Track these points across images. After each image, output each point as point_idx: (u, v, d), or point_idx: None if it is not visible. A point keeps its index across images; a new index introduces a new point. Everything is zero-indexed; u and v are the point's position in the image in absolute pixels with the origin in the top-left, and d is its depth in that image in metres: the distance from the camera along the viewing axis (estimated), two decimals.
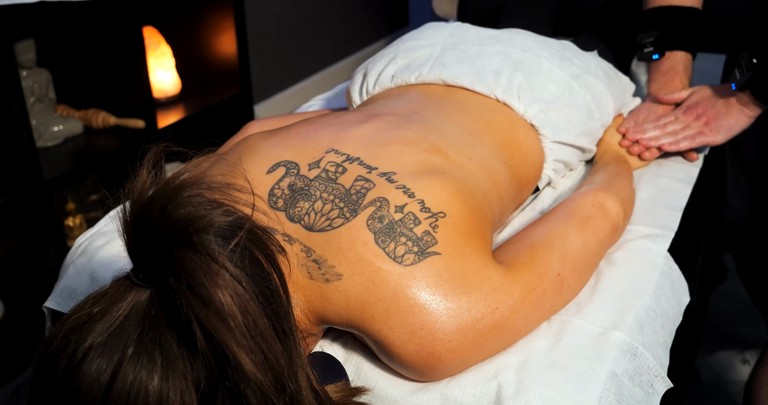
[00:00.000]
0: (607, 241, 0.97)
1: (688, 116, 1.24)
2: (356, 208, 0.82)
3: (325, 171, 0.85)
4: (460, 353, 0.78)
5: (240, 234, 0.60)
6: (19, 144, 1.58)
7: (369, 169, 0.86)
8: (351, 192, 0.83)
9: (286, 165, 0.86)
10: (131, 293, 0.61)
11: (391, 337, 0.77)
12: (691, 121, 1.23)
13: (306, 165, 0.86)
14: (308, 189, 0.84)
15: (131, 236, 0.61)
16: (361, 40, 3.23)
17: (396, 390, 0.81)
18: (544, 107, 1.09)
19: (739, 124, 1.20)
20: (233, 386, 0.58)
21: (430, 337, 0.76)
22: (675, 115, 1.25)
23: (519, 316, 0.81)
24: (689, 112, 1.24)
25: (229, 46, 2.09)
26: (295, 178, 0.85)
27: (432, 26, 1.26)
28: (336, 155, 0.87)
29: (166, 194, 0.60)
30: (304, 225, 0.82)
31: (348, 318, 0.79)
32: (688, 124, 1.23)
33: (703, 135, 1.22)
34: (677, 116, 1.25)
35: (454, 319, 0.77)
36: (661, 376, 0.86)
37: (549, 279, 0.85)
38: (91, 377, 0.58)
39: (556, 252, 0.88)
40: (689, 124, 1.23)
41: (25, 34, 1.71)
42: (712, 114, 1.21)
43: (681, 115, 1.24)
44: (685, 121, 1.24)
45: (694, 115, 1.23)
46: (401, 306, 0.77)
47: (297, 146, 0.89)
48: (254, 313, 0.59)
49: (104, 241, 1.04)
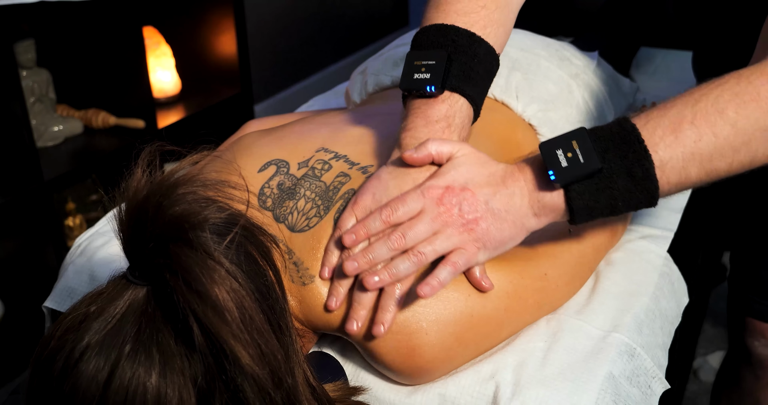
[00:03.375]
0: (605, 247, 0.96)
1: (444, 208, 0.75)
2: (329, 205, 0.81)
3: (312, 169, 0.85)
4: (441, 346, 0.77)
5: (235, 230, 0.60)
6: (19, 144, 1.58)
7: (351, 165, 0.85)
8: (330, 188, 0.82)
9: (277, 163, 0.86)
10: (128, 291, 0.61)
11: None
12: (448, 223, 0.74)
13: (296, 164, 0.86)
14: (295, 188, 0.83)
15: (127, 234, 0.61)
16: (361, 40, 3.23)
17: (393, 393, 0.81)
18: (543, 107, 1.09)
19: (514, 240, 0.77)
20: (230, 380, 0.59)
21: (406, 332, 0.75)
22: (424, 200, 0.75)
23: (495, 305, 0.79)
24: (448, 201, 0.75)
25: (229, 46, 2.09)
26: (285, 177, 0.85)
27: None
28: (325, 153, 0.86)
29: (161, 192, 0.60)
30: (288, 225, 0.81)
31: (328, 321, 0.78)
32: (441, 229, 0.75)
33: (463, 253, 0.74)
34: (426, 206, 0.75)
35: (427, 309, 0.76)
36: (659, 377, 0.86)
37: (533, 277, 0.83)
38: (89, 376, 0.58)
39: (546, 254, 0.86)
40: (443, 227, 0.74)
41: (25, 34, 1.71)
42: (486, 217, 0.75)
43: (434, 204, 0.75)
44: (436, 220, 0.74)
45: (455, 210, 0.74)
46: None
47: (290, 145, 0.88)
48: (250, 309, 0.59)
49: (104, 240, 1.04)
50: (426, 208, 0.75)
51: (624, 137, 0.72)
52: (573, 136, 0.73)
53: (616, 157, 0.72)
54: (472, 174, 0.76)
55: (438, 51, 0.82)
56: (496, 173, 0.76)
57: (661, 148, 0.72)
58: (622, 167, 0.72)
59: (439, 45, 0.83)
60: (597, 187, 0.72)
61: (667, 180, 0.72)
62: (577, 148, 0.72)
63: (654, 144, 0.72)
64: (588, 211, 0.74)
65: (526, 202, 0.75)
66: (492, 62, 0.85)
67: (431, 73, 0.81)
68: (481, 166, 0.77)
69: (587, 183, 0.72)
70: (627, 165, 0.71)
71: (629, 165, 0.71)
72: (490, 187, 0.75)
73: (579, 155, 0.72)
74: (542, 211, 0.75)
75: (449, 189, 0.75)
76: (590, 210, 0.73)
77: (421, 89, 0.81)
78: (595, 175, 0.72)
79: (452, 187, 0.75)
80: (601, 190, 0.72)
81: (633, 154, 0.72)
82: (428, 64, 0.81)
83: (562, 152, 0.72)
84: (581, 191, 0.72)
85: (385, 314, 0.75)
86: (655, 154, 0.72)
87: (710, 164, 0.73)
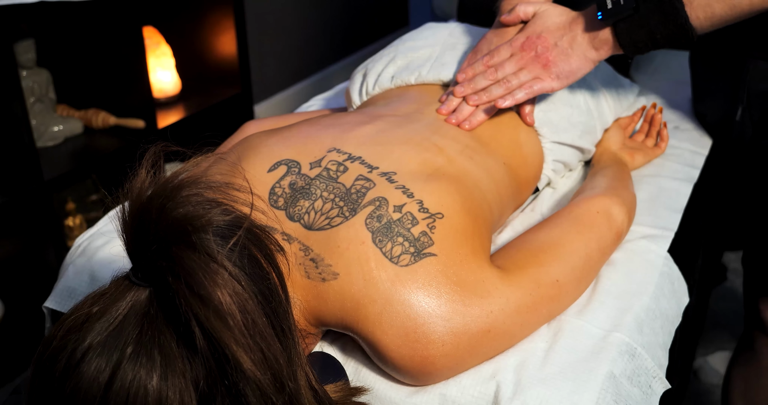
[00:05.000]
0: (610, 249, 0.96)
1: (525, 52, 1.01)
2: (356, 208, 0.82)
3: (327, 170, 0.85)
4: (454, 357, 0.78)
5: (238, 233, 0.60)
6: (19, 144, 1.58)
7: (370, 169, 0.86)
8: (351, 191, 0.83)
9: (287, 163, 0.86)
10: (130, 293, 0.61)
11: (385, 340, 0.77)
12: (528, 61, 1.01)
13: (307, 164, 0.86)
14: (309, 188, 0.84)
15: (130, 236, 0.61)
16: (361, 40, 3.23)
17: (394, 392, 0.81)
18: (544, 107, 1.09)
19: (582, 69, 1.00)
20: (232, 385, 0.58)
21: (423, 341, 0.76)
22: (511, 48, 1.02)
23: (514, 320, 0.81)
24: (528, 46, 1.01)
25: (229, 46, 2.09)
26: (296, 176, 0.85)
27: (431, 27, 1.26)
28: (338, 154, 0.87)
29: (164, 193, 0.60)
30: (304, 224, 0.82)
31: (342, 318, 0.79)
32: (524, 66, 1.01)
33: (540, 81, 1.01)
34: (513, 52, 1.02)
35: (448, 323, 0.76)
36: (659, 376, 0.86)
37: (547, 285, 0.84)
38: (90, 377, 0.58)
39: (556, 258, 0.87)
40: (525, 64, 1.01)
41: (25, 34, 1.71)
42: (555, 54, 1.00)
43: (518, 50, 1.02)
44: (520, 61, 1.01)
45: (533, 53, 1.00)
46: (395, 308, 0.76)
47: (299, 145, 0.89)
48: (253, 312, 0.59)
49: (104, 241, 1.04)
50: (514, 53, 1.02)
51: None
52: None
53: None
54: (547, 24, 1.01)
55: None
56: (566, 20, 1.00)
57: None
58: (656, 6, 0.91)
59: None
60: (637, 24, 0.93)
61: (696, 15, 0.90)
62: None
63: None
64: (633, 44, 0.94)
65: (586, 39, 0.98)
66: None
67: None
68: (556, 17, 1.01)
69: (629, 21, 0.93)
70: (659, 4, 0.91)
71: (661, 4, 0.91)
72: (560, 31, 0.99)
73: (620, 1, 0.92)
74: (599, 44, 0.97)
75: (529, 38, 1.01)
76: (634, 42, 0.94)
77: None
78: (635, 15, 0.92)
79: (531, 36, 1.01)
80: (640, 26, 0.93)
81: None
82: None
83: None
84: (624, 28, 0.93)
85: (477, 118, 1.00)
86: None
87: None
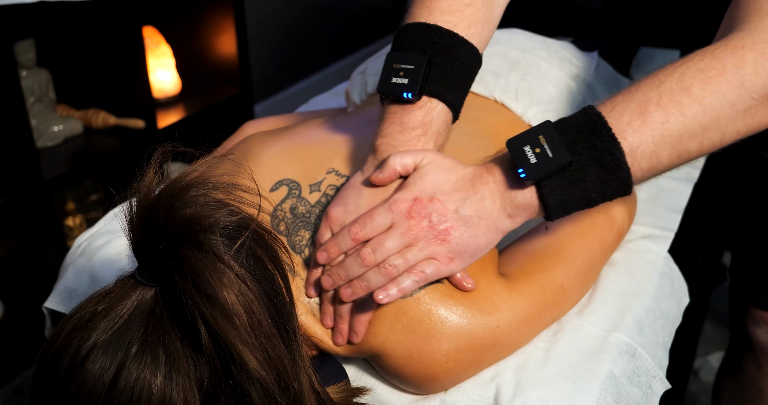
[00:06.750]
0: (611, 249, 0.96)
1: (414, 221, 0.73)
2: None
3: (325, 195, 0.85)
4: (458, 372, 0.78)
5: (246, 234, 0.60)
6: (19, 144, 1.58)
7: None
8: None
9: (288, 185, 0.86)
10: (136, 292, 0.61)
11: (389, 361, 0.78)
12: (420, 234, 0.73)
13: (307, 186, 0.85)
14: (309, 217, 0.83)
15: (137, 235, 0.61)
16: (360, 40, 3.23)
17: (395, 397, 0.82)
18: (543, 108, 1.09)
19: (490, 244, 0.75)
20: (237, 385, 0.59)
21: (428, 361, 0.77)
22: (392, 214, 0.74)
23: (519, 332, 0.81)
24: (417, 212, 0.73)
25: (229, 46, 2.09)
26: (297, 200, 0.84)
27: None
28: (336, 177, 0.86)
29: (172, 193, 0.60)
30: (304, 258, 0.82)
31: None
32: (413, 241, 0.73)
33: (434, 262, 0.74)
34: (396, 220, 0.74)
35: (453, 342, 0.77)
36: (660, 377, 0.86)
37: (552, 292, 0.84)
38: (95, 375, 0.58)
39: (561, 262, 0.87)
40: (415, 239, 0.73)
41: (25, 34, 1.71)
42: (457, 225, 0.73)
43: (403, 217, 0.73)
44: (407, 234, 0.73)
45: (426, 222, 0.73)
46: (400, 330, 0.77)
47: (300, 162, 0.87)
48: (258, 313, 0.59)
49: (104, 241, 1.04)
50: (395, 222, 0.74)
51: (591, 127, 0.70)
52: (539, 131, 0.71)
53: (586, 149, 0.70)
54: (439, 182, 0.74)
55: (417, 55, 0.79)
56: (464, 178, 0.74)
57: (629, 133, 0.70)
58: (592, 158, 0.70)
59: (420, 46, 0.80)
60: (569, 180, 0.71)
61: (639, 166, 0.71)
62: (544, 142, 0.70)
63: (622, 130, 0.70)
64: (563, 206, 0.72)
65: (498, 204, 0.73)
66: (474, 62, 0.83)
67: (409, 79, 0.78)
68: (448, 172, 0.75)
69: (558, 177, 0.70)
70: (597, 155, 0.70)
71: (599, 155, 0.70)
72: (459, 193, 0.74)
73: (547, 150, 0.70)
74: (516, 211, 0.73)
75: (417, 201, 0.74)
76: (565, 204, 0.72)
77: (398, 94, 0.78)
78: (565, 169, 0.70)
79: (420, 198, 0.74)
80: (574, 183, 0.71)
81: (602, 144, 0.69)
82: (407, 68, 0.78)
83: (530, 148, 0.70)
84: (553, 186, 0.71)
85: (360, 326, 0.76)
86: (624, 141, 0.70)
87: (681, 145, 0.71)
